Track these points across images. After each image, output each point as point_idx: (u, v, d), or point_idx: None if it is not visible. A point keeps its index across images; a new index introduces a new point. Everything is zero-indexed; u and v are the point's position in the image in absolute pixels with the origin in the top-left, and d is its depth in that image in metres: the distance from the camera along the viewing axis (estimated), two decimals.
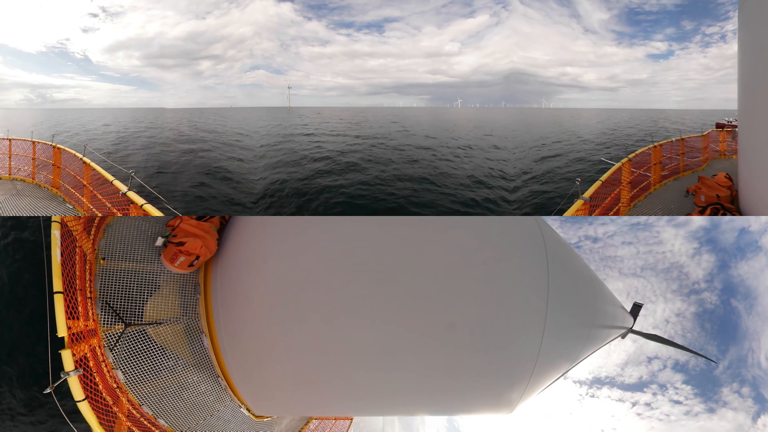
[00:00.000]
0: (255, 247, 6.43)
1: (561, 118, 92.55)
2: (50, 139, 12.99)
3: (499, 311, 5.85)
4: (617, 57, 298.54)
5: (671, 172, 12.03)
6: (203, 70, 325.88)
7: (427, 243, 5.86)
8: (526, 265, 6.24)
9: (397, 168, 27.02)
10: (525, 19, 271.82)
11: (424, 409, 7.41)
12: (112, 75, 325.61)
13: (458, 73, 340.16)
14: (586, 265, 8.49)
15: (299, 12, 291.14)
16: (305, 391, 6.44)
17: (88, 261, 5.88)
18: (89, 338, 5.42)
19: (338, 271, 5.79)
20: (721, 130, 14.80)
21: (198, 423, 6.65)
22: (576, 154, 34.29)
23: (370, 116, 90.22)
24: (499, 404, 6.70)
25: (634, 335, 12.61)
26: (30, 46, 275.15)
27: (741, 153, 8.90)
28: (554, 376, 7.19)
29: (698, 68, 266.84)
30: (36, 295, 10.50)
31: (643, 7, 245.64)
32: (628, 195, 10.22)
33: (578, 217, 14.16)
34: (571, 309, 7.07)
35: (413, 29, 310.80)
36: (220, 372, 6.76)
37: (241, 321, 6.35)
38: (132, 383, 6.12)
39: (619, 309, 10.96)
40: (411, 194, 20.65)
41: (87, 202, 9.90)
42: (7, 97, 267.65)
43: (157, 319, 6.44)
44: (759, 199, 8.02)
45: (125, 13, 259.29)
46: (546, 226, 7.11)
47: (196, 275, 6.86)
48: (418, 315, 5.65)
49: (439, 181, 23.57)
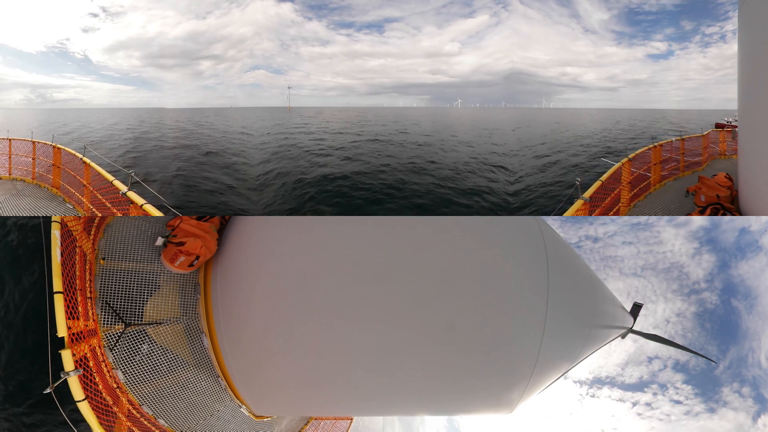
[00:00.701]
0: (255, 247, 6.43)
1: (561, 117, 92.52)
2: (50, 139, 12.98)
3: (499, 311, 5.86)
4: (617, 57, 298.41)
5: (671, 172, 12.03)
6: (203, 70, 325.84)
7: (427, 243, 5.86)
8: (526, 265, 6.24)
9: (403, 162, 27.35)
10: (525, 19, 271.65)
11: (424, 409, 7.41)
12: (113, 75, 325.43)
13: (458, 73, 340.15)
14: (586, 265, 8.50)
15: (300, 12, 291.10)
16: (305, 391, 6.44)
17: (88, 261, 5.88)
18: (89, 338, 5.42)
19: (338, 271, 5.79)
20: (720, 130, 14.81)
21: (198, 423, 6.65)
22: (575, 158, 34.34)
23: (371, 116, 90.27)
24: (499, 404, 6.70)
25: (634, 335, 12.61)
26: (30, 46, 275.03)
27: (741, 153, 8.91)
28: (554, 376, 7.19)
29: (698, 68, 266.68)
30: (36, 295, 10.52)
31: (643, 7, 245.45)
32: (628, 195, 10.22)
33: (578, 217, 14.17)
34: (571, 309, 7.07)
35: (413, 29, 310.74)
36: (220, 372, 6.76)
37: (241, 321, 6.35)
38: (132, 383, 6.12)
39: (619, 309, 10.96)
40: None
41: (87, 202, 9.89)
42: (7, 97, 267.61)
43: (157, 319, 6.44)
44: (759, 199, 8.02)
45: (126, 12, 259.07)
46: (546, 226, 7.11)
47: (196, 275, 6.86)
48: (418, 315, 5.65)
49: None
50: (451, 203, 19.18)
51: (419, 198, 19.68)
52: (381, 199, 19.61)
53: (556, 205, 8.32)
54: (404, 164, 27.64)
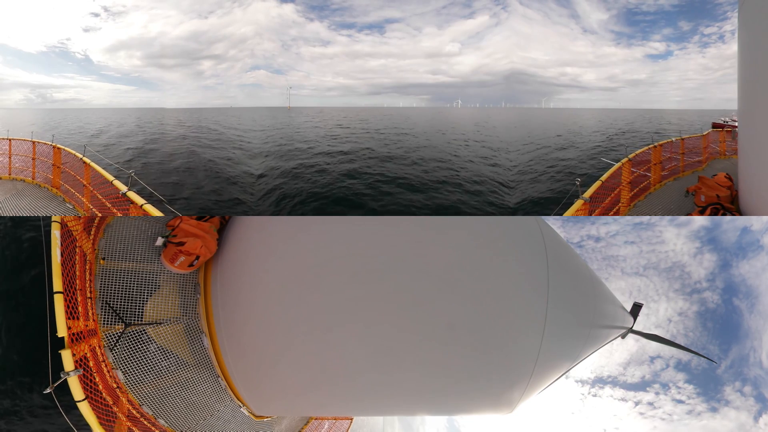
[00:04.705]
0: (255, 247, 6.43)
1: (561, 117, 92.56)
2: (50, 139, 12.99)
3: (499, 311, 5.85)
4: (616, 57, 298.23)
5: (671, 172, 12.01)
6: (204, 69, 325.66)
7: (428, 243, 5.86)
8: (526, 265, 6.24)
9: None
10: (524, 19, 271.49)
11: (424, 409, 7.41)
12: (113, 75, 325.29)
13: (458, 73, 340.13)
14: (586, 265, 8.49)
15: (301, 13, 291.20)
16: (305, 391, 6.45)
17: (88, 261, 5.88)
18: (89, 338, 5.42)
19: (338, 271, 5.79)
20: (720, 129, 14.80)
21: (198, 423, 6.65)
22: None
23: (371, 116, 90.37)
24: (500, 404, 6.69)
25: (635, 335, 12.61)
26: (30, 46, 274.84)
27: (741, 153, 8.90)
28: (555, 376, 7.19)
29: (697, 68, 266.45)
30: (36, 295, 10.51)
31: (641, 8, 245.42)
32: (628, 195, 10.22)
33: (579, 217, 14.17)
34: (571, 309, 7.07)
35: (414, 30, 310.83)
36: (220, 372, 6.76)
37: (241, 321, 6.35)
38: (132, 383, 6.12)
39: (619, 309, 10.96)
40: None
41: (87, 202, 9.89)
42: (7, 97, 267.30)
43: (157, 319, 6.44)
44: (759, 199, 8.01)
45: (128, 12, 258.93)
46: (546, 226, 7.10)
47: (196, 275, 6.86)
48: (418, 315, 5.65)
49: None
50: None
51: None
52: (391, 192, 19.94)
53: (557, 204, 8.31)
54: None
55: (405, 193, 20.54)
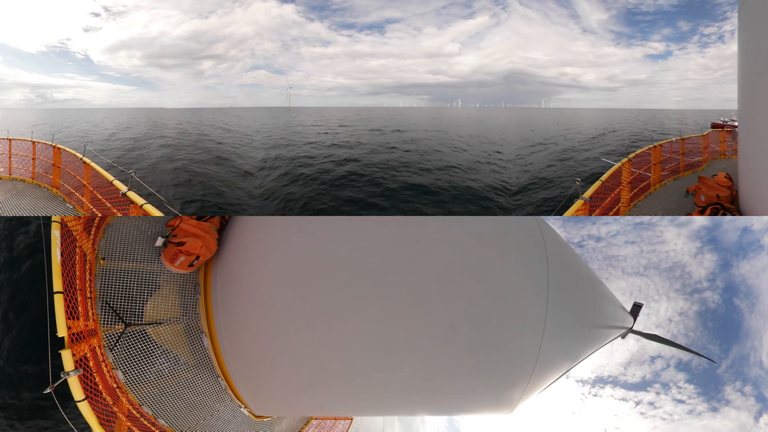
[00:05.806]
0: (255, 247, 6.43)
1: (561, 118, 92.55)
2: (50, 139, 13.00)
3: (499, 311, 5.85)
4: (616, 57, 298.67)
5: (671, 172, 12.01)
6: (204, 69, 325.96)
7: (427, 243, 5.86)
8: (526, 265, 6.23)
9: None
10: (524, 19, 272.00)
11: (424, 409, 7.40)
12: (113, 75, 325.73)
13: (458, 73, 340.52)
14: (586, 265, 8.49)
15: (302, 13, 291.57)
16: (305, 391, 6.44)
17: (88, 261, 5.88)
18: (89, 338, 5.42)
19: (338, 271, 5.79)
20: (720, 129, 14.79)
21: (198, 423, 6.65)
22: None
23: (372, 115, 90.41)
24: (500, 404, 6.69)
25: (635, 335, 12.60)
26: (30, 45, 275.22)
27: (741, 153, 8.89)
28: (555, 376, 7.19)
29: (697, 68, 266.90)
30: (36, 295, 10.52)
31: (641, 8, 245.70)
32: (628, 195, 10.21)
33: (579, 217, 14.17)
34: (571, 308, 7.07)
35: (414, 30, 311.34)
36: (220, 372, 6.76)
37: (241, 321, 6.35)
38: (132, 383, 6.12)
39: (619, 309, 10.95)
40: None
41: (87, 202, 9.89)
42: (7, 97, 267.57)
43: (157, 319, 6.44)
44: (759, 199, 8.01)
45: (128, 12, 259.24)
46: (546, 226, 7.10)
47: (196, 275, 6.86)
48: (418, 315, 5.65)
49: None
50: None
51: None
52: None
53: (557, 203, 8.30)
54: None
55: (407, 185, 20.76)
